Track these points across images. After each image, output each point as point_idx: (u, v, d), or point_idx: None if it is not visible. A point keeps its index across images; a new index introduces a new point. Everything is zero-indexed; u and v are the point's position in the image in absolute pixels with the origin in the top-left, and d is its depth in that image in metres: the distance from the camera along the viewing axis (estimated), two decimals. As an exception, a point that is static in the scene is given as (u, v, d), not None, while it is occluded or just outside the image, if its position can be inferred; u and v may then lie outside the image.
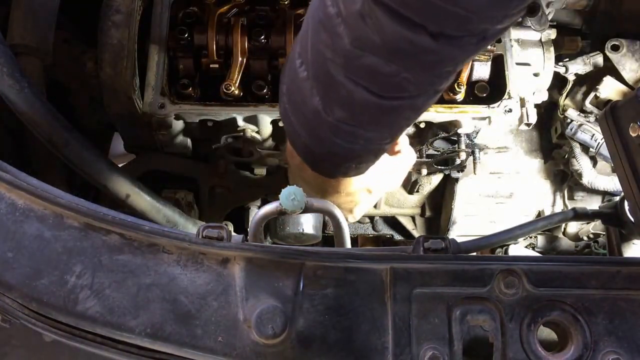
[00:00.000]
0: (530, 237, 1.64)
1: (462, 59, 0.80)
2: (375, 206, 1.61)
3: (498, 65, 1.32)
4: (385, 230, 1.69)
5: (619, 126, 0.90)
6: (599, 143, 1.43)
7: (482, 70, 1.31)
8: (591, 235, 1.57)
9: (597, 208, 1.23)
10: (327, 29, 0.80)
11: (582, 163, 1.47)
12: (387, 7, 0.72)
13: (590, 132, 1.45)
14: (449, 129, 1.34)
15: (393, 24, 0.73)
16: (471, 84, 1.32)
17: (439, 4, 0.70)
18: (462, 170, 1.43)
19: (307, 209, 0.93)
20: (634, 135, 0.88)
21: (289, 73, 0.92)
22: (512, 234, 1.07)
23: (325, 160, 0.98)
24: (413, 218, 1.66)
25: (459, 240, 0.84)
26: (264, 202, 1.54)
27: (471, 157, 1.41)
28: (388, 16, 0.73)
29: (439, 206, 1.62)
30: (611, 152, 0.94)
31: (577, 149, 1.47)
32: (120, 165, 1.30)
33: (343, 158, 0.96)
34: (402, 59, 0.77)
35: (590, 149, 1.46)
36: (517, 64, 1.34)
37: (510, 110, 1.30)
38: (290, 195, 0.91)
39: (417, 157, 1.45)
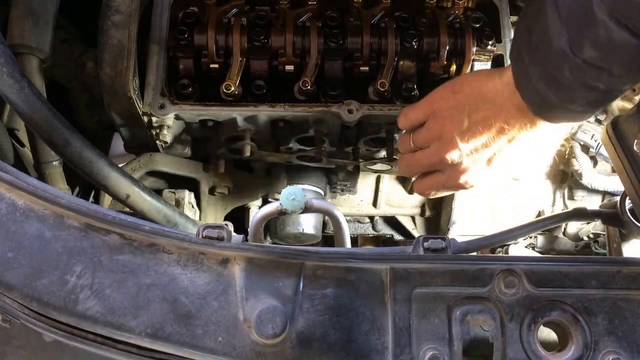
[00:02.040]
0: (530, 237, 1.64)
1: None
2: (375, 206, 1.61)
3: (498, 65, 1.32)
4: (385, 230, 1.69)
5: (623, 141, 0.90)
6: (599, 143, 1.43)
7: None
8: (591, 235, 1.57)
9: (597, 208, 1.22)
10: None
11: (582, 163, 1.47)
12: None
13: (590, 132, 1.44)
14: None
15: None
16: (471, 84, 1.32)
17: None
18: None
19: (307, 209, 0.93)
20: (639, 150, 0.88)
21: (533, 15, 0.89)
22: (512, 234, 1.07)
23: (553, 103, 0.92)
24: (413, 218, 1.66)
25: (459, 240, 0.84)
26: (264, 202, 1.54)
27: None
28: None
29: (439, 206, 1.62)
30: (617, 168, 0.94)
31: (577, 149, 1.47)
32: (120, 165, 1.30)
33: (573, 103, 0.91)
34: None
35: (590, 149, 1.46)
36: (517, 64, 1.34)
37: (510, 110, 1.30)
38: (290, 195, 0.92)
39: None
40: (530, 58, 0.91)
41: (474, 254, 0.93)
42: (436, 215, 1.63)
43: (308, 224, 1.44)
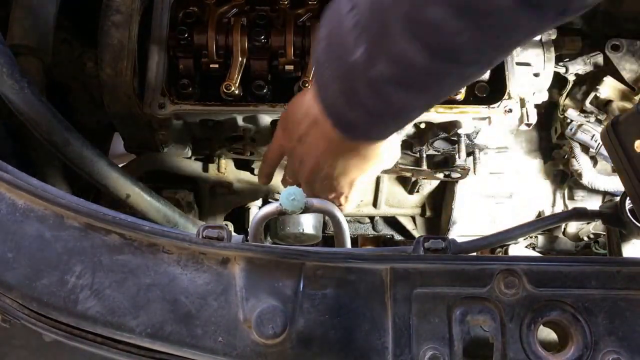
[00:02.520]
0: (530, 237, 1.64)
1: (536, 29, 0.76)
2: (375, 206, 1.61)
3: (498, 65, 1.32)
4: (385, 230, 1.69)
5: (623, 142, 0.90)
6: (599, 143, 1.43)
7: (482, 70, 1.31)
8: (591, 235, 1.57)
9: (597, 208, 1.22)
10: None
11: (582, 163, 1.47)
12: None
13: (590, 132, 1.44)
14: (449, 129, 1.34)
15: None
16: (471, 84, 1.32)
17: None
18: (464, 176, 1.43)
19: (307, 209, 0.93)
20: (639, 150, 0.88)
21: (334, 17, 0.84)
22: (512, 234, 1.07)
23: (350, 118, 0.90)
24: (413, 218, 1.66)
25: (459, 240, 0.84)
26: (264, 202, 1.54)
27: (471, 157, 1.42)
28: None
29: (439, 206, 1.62)
30: (617, 168, 0.93)
31: (577, 149, 1.47)
32: (120, 165, 1.30)
33: (371, 118, 0.88)
34: (473, 17, 0.71)
35: (590, 149, 1.46)
36: (517, 64, 1.34)
37: (510, 111, 1.30)
38: (290, 195, 0.92)
39: (417, 157, 1.45)
40: (330, 68, 0.86)
41: (474, 254, 0.93)
42: (436, 215, 1.63)
43: (308, 224, 1.43)
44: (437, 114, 1.29)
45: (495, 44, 0.76)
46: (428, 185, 1.56)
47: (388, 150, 1.04)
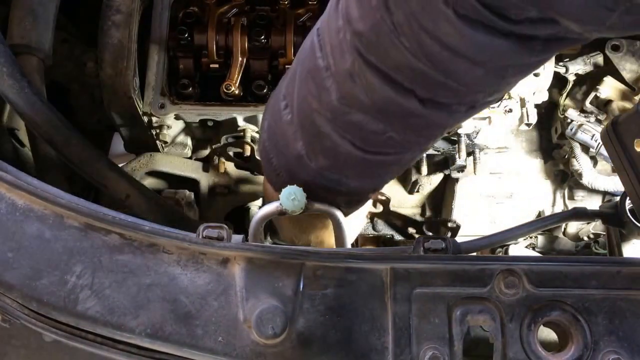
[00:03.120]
0: (530, 237, 1.64)
1: (449, 124, 0.80)
2: (375, 206, 1.61)
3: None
4: (385, 230, 1.69)
5: (623, 142, 0.90)
6: (599, 143, 1.43)
7: (482, 70, 1.31)
8: (591, 235, 1.57)
9: (598, 208, 1.22)
10: (315, 80, 0.79)
11: (582, 163, 1.47)
12: (377, 69, 0.71)
13: (591, 132, 1.44)
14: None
15: (382, 86, 0.72)
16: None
17: (431, 73, 0.69)
18: (462, 171, 1.43)
19: (307, 209, 0.92)
20: (639, 150, 0.88)
21: (273, 112, 0.89)
22: (512, 234, 1.07)
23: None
24: (413, 218, 1.66)
25: (459, 240, 0.84)
26: (264, 202, 1.54)
27: (471, 157, 1.42)
28: (378, 78, 0.72)
29: (439, 206, 1.62)
30: (617, 168, 0.93)
31: (577, 149, 1.47)
32: (120, 165, 1.30)
33: (325, 200, 0.93)
34: (389, 120, 0.77)
35: (591, 149, 1.46)
36: (517, 64, 1.34)
37: (510, 111, 1.30)
38: (290, 195, 0.91)
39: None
40: (276, 158, 0.90)
41: (474, 254, 0.93)
42: (436, 215, 1.63)
43: (308, 224, 1.43)
44: (437, 114, 1.29)
45: (417, 138, 0.81)
46: (428, 185, 1.56)
47: (354, 220, 1.06)
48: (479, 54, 0.67)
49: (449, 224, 1.45)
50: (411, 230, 1.59)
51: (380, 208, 1.55)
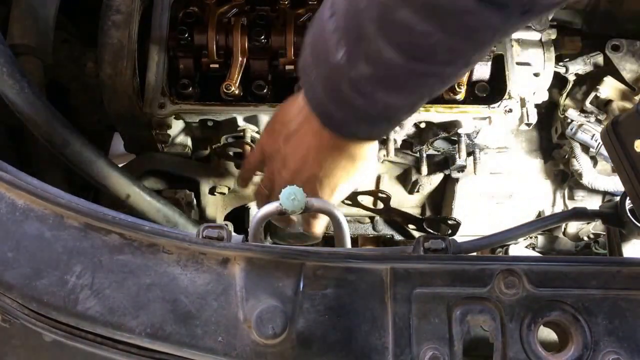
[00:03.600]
0: (530, 237, 1.64)
1: (502, 29, 0.76)
2: (375, 206, 1.61)
3: (498, 65, 1.32)
4: (385, 230, 1.69)
5: (623, 142, 0.90)
6: (599, 143, 1.43)
7: (482, 70, 1.31)
8: (591, 236, 1.57)
9: (598, 208, 1.22)
10: None
11: (582, 163, 1.47)
12: None
13: (591, 132, 1.44)
14: (449, 129, 1.34)
15: None
16: (471, 84, 1.32)
17: None
18: (462, 171, 1.43)
19: (307, 209, 0.92)
20: (639, 150, 0.88)
21: (317, 23, 0.87)
22: (512, 234, 1.07)
23: (338, 117, 0.92)
24: (413, 218, 1.66)
25: (459, 240, 0.84)
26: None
27: (471, 157, 1.42)
28: None
29: (439, 206, 1.62)
30: (617, 169, 0.93)
31: (578, 149, 1.47)
32: (120, 165, 1.30)
33: (358, 116, 0.90)
34: (439, 18, 0.73)
35: (591, 149, 1.46)
36: (518, 63, 1.34)
37: (510, 110, 1.30)
38: (290, 195, 0.91)
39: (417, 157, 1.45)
40: (316, 70, 0.88)
41: (474, 254, 0.93)
42: (436, 215, 1.63)
43: (308, 224, 1.43)
44: (437, 114, 1.29)
45: (465, 44, 0.77)
46: (428, 185, 1.56)
47: (373, 158, 1.05)
48: None
49: (449, 222, 1.45)
50: (411, 226, 1.58)
51: (380, 205, 1.55)
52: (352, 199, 1.47)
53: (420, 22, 0.73)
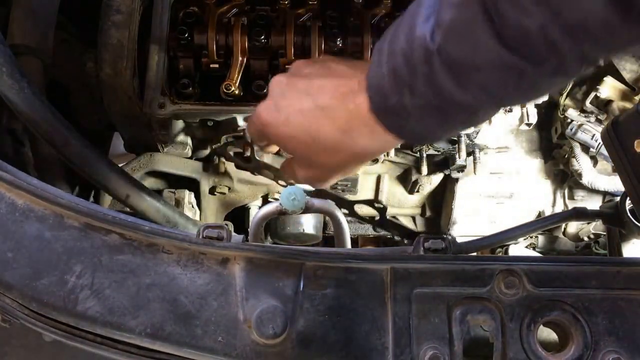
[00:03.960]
0: (531, 237, 1.64)
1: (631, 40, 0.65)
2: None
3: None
4: (385, 230, 1.69)
5: (623, 142, 0.90)
6: (599, 143, 1.43)
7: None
8: (592, 236, 1.57)
9: (597, 208, 1.22)
10: None
11: (582, 163, 1.47)
12: None
13: (591, 132, 1.45)
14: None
15: None
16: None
17: None
18: (462, 171, 1.43)
19: (307, 209, 0.92)
20: (639, 150, 0.88)
21: (411, 9, 0.74)
22: (512, 234, 1.07)
23: (391, 102, 0.76)
24: (413, 218, 1.66)
25: (459, 240, 0.84)
26: (264, 202, 1.54)
27: (471, 157, 1.42)
28: None
29: (439, 206, 1.62)
30: (618, 169, 0.93)
31: (578, 149, 1.47)
32: (120, 165, 1.30)
33: (414, 107, 0.75)
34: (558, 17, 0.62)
35: (591, 149, 1.46)
36: (518, 63, 1.34)
37: (510, 110, 1.30)
38: (290, 195, 0.92)
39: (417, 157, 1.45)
40: (391, 45, 0.75)
41: (474, 254, 0.93)
42: (436, 215, 1.63)
43: (308, 224, 1.43)
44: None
45: (590, 46, 0.66)
46: (428, 185, 1.56)
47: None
48: None
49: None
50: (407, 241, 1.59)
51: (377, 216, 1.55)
52: (349, 208, 1.48)
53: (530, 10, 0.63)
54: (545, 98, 1.39)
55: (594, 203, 1.56)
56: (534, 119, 1.32)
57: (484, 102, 0.76)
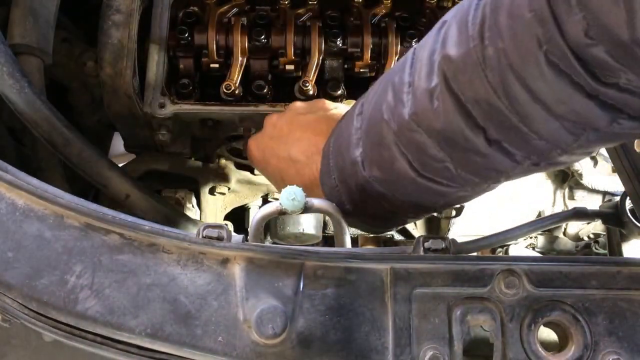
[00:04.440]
0: (531, 237, 1.64)
1: (508, 173, 0.79)
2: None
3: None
4: (385, 230, 1.69)
5: (624, 143, 0.90)
6: (599, 143, 1.43)
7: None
8: (592, 236, 1.57)
9: (598, 208, 1.22)
10: (395, 92, 0.80)
11: (582, 163, 1.47)
12: (457, 98, 0.72)
13: (591, 132, 1.44)
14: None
15: (456, 115, 0.73)
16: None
17: (506, 113, 0.69)
18: None
19: (307, 209, 0.92)
20: (639, 150, 0.88)
21: (347, 116, 0.93)
22: (512, 234, 1.07)
23: (346, 204, 0.95)
24: (413, 218, 1.66)
25: (459, 240, 0.84)
26: (264, 202, 1.54)
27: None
28: (454, 107, 0.72)
29: (439, 206, 1.62)
30: (617, 168, 0.93)
31: (578, 149, 1.47)
32: (120, 165, 1.30)
33: (362, 212, 0.94)
34: (451, 150, 0.77)
35: (591, 149, 1.46)
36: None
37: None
38: (290, 195, 0.91)
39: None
40: (335, 158, 0.92)
41: (474, 254, 0.93)
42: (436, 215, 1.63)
43: (308, 224, 1.43)
44: (437, 114, 1.29)
45: (473, 176, 0.80)
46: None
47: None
48: (558, 105, 0.66)
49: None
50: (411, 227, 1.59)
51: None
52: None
53: (433, 147, 0.77)
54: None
55: (594, 203, 1.56)
56: (534, 119, 1.32)
57: (411, 212, 0.92)
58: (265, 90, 1.28)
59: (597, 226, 1.53)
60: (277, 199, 1.01)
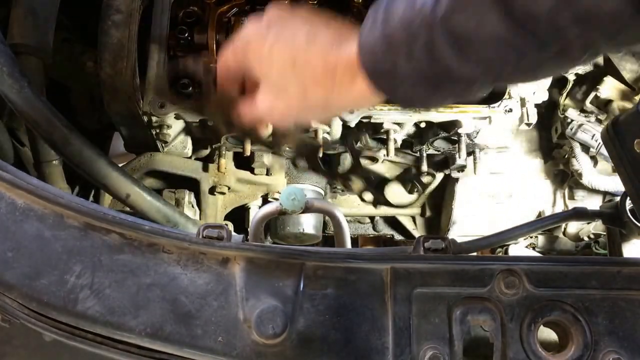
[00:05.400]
0: (531, 237, 1.64)
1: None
2: (375, 206, 1.61)
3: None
4: (385, 230, 1.69)
5: (623, 142, 0.90)
6: (599, 143, 1.43)
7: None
8: (592, 236, 1.57)
9: (598, 208, 1.22)
10: None
11: (582, 163, 1.47)
12: None
13: (591, 132, 1.44)
14: (449, 128, 1.34)
15: None
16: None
17: None
18: (462, 171, 1.43)
19: (307, 209, 0.92)
20: (639, 150, 0.88)
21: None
22: (512, 234, 1.07)
23: (384, 74, 0.75)
24: (413, 218, 1.66)
25: (459, 240, 0.84)
26: (264, 202, 1.54)
27: (471, 157, 1.42)
28: None
29: (439, 206, 1.62)
30: (617, 168, 0.93)
31: (578, 149, 1.47)
32: (120, 165, 1.30)
33: (412, 81, 0.73)
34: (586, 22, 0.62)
35: (591, 149, 1.46)
36: (518, 63, 1.34)
37: (510, 110, 1.30)
38: (290, 195, 0.91)
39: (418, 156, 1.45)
40: (386, 7, 0.72)
41: (474, 254, 0.93)
42: (436, 215, 1.63)
43: (308, 224, 1.43)
44: (437, 113, 1.29)
45: (591, 34, 0.64)
46: (428, 185, 1.56)
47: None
48: None
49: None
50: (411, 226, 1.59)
51: (381, 208, 1.55)
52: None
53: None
54: (545, 98, 1.39)
55: (594, 203, 1.56)
56: (534, 118, 1.32)
57: (481, 76, 0.73)
58: (265, 90, 1.28)
59: (597, 226, 1.53)
60: (277, 199, 1.01)
